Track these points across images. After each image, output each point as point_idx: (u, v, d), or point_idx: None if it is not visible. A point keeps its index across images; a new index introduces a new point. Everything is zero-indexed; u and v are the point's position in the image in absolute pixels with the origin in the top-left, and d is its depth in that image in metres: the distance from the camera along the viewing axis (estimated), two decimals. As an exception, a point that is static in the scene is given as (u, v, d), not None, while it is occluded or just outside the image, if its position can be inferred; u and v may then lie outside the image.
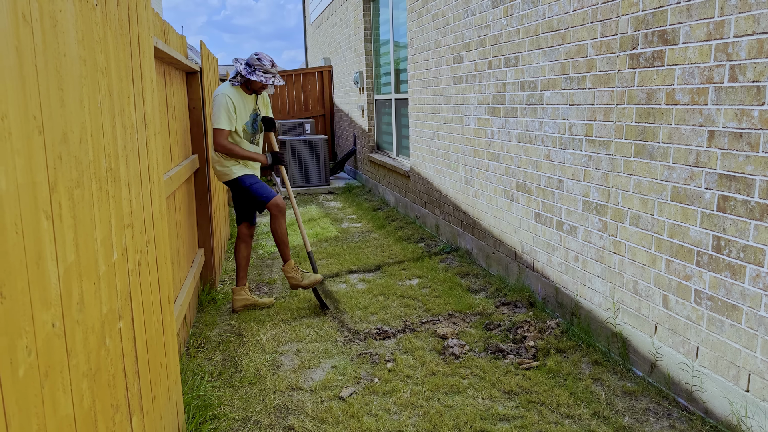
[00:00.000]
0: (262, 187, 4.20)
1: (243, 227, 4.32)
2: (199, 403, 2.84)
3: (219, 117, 3.96)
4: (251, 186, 4.17)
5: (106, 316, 1.47)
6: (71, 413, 1.19)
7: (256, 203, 4.21)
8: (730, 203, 2.50)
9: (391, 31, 7.98)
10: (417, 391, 3.03)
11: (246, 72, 4.03)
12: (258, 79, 4.02)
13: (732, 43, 2.44)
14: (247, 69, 4.04)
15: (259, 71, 4.06)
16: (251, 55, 4.12)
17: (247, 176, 4.18)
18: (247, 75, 4.02)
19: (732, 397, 2.53)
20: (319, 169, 9.84)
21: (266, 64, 4.05)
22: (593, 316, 3.49)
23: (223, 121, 3.97)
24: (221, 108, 3.96)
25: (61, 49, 1.22)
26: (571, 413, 2.78)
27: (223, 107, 3.96)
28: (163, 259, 2.29)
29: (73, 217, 1.25)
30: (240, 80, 4.07)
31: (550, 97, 3.83)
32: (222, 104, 3.96)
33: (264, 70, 4.07)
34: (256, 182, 4.20)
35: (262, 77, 4.04)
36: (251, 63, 4.06)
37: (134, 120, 1.88)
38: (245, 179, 4.16)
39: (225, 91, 4.00)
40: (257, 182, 4.21)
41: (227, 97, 3.98)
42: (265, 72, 4.07)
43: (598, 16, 3.28)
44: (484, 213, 4.97)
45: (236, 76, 4.08)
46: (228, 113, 3.98)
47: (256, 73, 4.04)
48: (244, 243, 4.32)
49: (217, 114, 3.96)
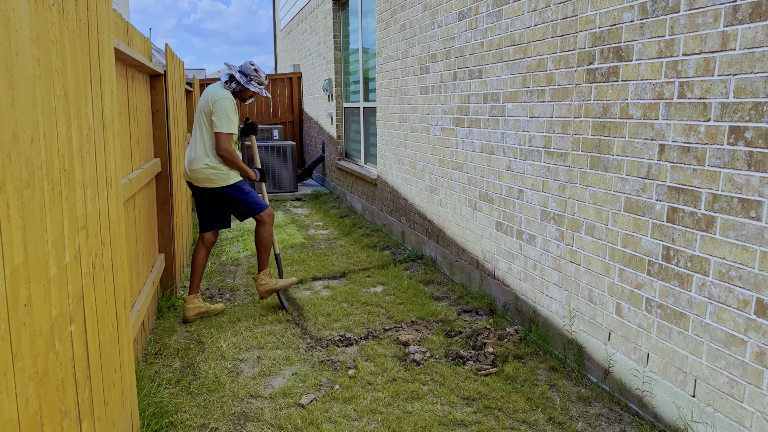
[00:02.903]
0: (256, 195, 4.18)
1: (210, 234, 4.23)
2: (156, 410, 2.80)
3: (228, 121, 3.91)
4: (249, 193, 4.12)
5: (56, 319, 1.45)
6: (15, 417, 1.17)
7: (248, 211, 4.13)
8: (678, 214, 2.60)
9: (361, 40, 8.04)
10: (377, 397, 3.05)
11: (243, 81, 4.03)
12: (255, 90, 4.05)
13: (681, 61, 2.55)
14: (243, 77, 4.04)
15: (255, 81, 4.09)
16: (246, 64, 4.12)
17: (243, 183, 4.13)
18: (244, 84, 4.03)
19: (679, 402, 2.62)
20: (286, 175, 9.80)
21: (262, 76, 4.11)
22: (550, 323, 3.57)
23: (232, 125, 3.93)
24: (229, 112, 3.91)
25: (13, 48, 1.21)
26: (527, 419, 2.84)
27: (231, 111, 3.92)
28: (119, 263, 2.26)
29: (21, 217, 1.24)
30: (235, 87, 4.05)
31: (511, 109, 3.92)
32: (230, 108, 3.92)
33: (259, 81, 4.12)
34: (251, 190, 4.17)
35: (257, 88, 4.08)
36: (247, 72, 4.06)
37: (91, 121, 1.86)
38: (243, 186, 4.10)
39: (227, 95, 3.96)
40: (252, 190, 4.18)
41: (232, 101, 3.96)
42: (260, 83, 4.12)
43: (557, 31, 3.38)
44: (449, 221, 5.03)
45: (230, 81, 4.04)
46: (234, 117, 3.96)
47: (252, 83, 4.07)
48: (206, 249, 4.24)
49: (226, 117, 3.90)
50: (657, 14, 2.66)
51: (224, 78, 4.09)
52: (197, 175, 4.01)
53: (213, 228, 4.23)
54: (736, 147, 2.31)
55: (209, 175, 3.99)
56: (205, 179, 4.01)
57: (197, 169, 3.99)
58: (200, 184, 4.04)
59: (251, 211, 4.13)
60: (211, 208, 4.18)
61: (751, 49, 2.23)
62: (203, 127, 3.99)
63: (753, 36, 2.22)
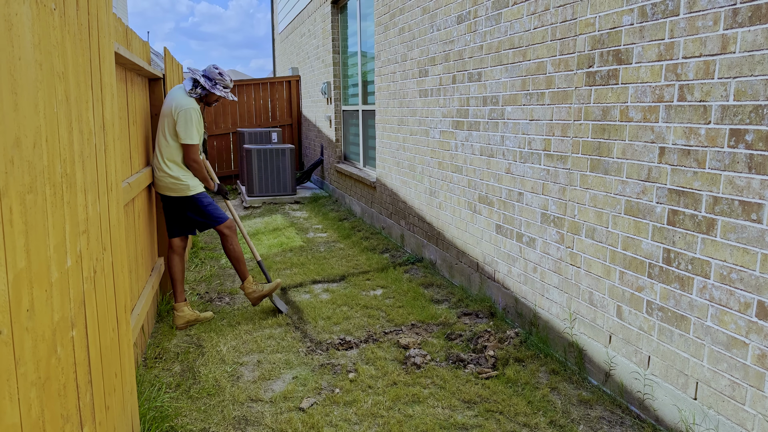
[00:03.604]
0: (216, 207, 4.16)
1: (178, 240, 4.16)
2: (156, 414, 2.79)
3: (192, 132, 3.91)
4: (209, 205, 4.10)
5: (58, 323, 1.45)
6: (18, 422, 1.16)
7: (208, 222, 4.11)
8: (679, 217, 2.60)
9: (359, 43, 8.05)
10: (378, 401, 3.04)
11: (208, 85, 4.00)
12: (220, 94, 4.02)
13: (681, 64, 2.56)
14: (208, 82, 4.01)
15: (220, 86, 4.05)
16: (210, 68, 4.08)
17: (204, 194, 4.12)
18: (209, 89, 4.00)
19: (681, 405, 2.62)
20: (285, 178, 9.79)
21: (227, 79, 4.09)
22: (551, 326, 3.57)
23: (196, 135, 3.93)
24: (193, 123, 3.91)
25: (15, 53, 1.20)
26: (529, 422, 2.83)
27: (195, 122, 3.92)
28: (120, 267, 2.25)
29: (24, 222, 1.23)
30: (200, 93, 4.02)
31: (511, 112, 3.93)
32: (194, 119, 3.92)
33: (224, 85, 4.09)
34: (211, 202, 4.15)
35: (222, 92, 4.04)
36: (212, 77, 4.03)
37: (92, 125, 1.86)
38: (203, 197, 4.09)
39: (192, 105, 3.93)
40: (212, 202, 4.16)
41: (196, 111, 3.94)
42: (225, 87, 4.09)
43: (557, 34, 3.39)
44: (448, 224, 5.03)
45: (194, 88, 4.01)
46: (198, 127, 3.95)
47: (218, 88, 4.04)
48: (179, 256, 4.17)
49: (191, 129, 3.90)
50: (657, 17, 2.67)
51: (188, 85, 4.03)
52: (159, 183, 4.00)
53: (180, 234, 4.16)
54: (736, 150, 2.32)
55: (169, 185, 3.98)
56: (165, 188, 3.99)
57: (158, 177, 3.98)
58: (162, 192, 4.03)
59: (210, 223, 4.11)
60: (175, 215, 4.13)
61: (751, 52, 2.24)
62: (165, 135, 3.94)
63: (753, 39, 2.23)
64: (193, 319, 4.12)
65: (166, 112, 3.93)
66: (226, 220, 4.15)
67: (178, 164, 3.98)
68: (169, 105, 3.94)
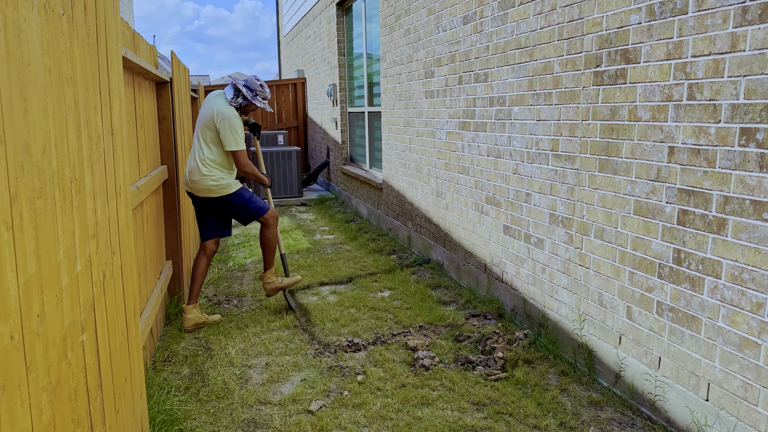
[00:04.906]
0: (258, 199, 4.28)
1: (212, 243, 4.24)
2: (165, 417, 2.79)
3: (238, 138, 4.03)
4: (251, 198, 4.22)
5: (68, 328, 1.45)
6: (29, 427, 1.16)
7: (252, 214, 4.23)
8: (689, 217, 2.58)
9: (365, 45, 8.05)
10: (387, 403, 3.03)
11: (249, 96, 4.12)
12: (259, 105, 4.19)
13: (690, 63, 2.54)
14: (249, 92, 4.13)
15: (260, 97, 4.20)
16: (251, 78, 4.20)
17: (245, 188, 4.24)
18: (251, 99, 4.12)
19: (692, 407, 2.60)
20: (291, 180, 9.81)
21: (266, 91, 4.21)
22: (560, 327, 3.55)
23: (242, 141, 4.05)
24: (239, 129, 4.03)
25: (25, 59, 1.21)
26: (538, 424, 2.82)
27: (240, 128, 4.04)
28: (128, 271, 2.25)
29: (34, 227, 1.23)
30: (240, 102, 4.12)
31: (518, 113, 3.91)
32: (240, 126, 4.05)
33: (263, 96, 4.22)
34: (252, 195, 4.27)
35: (262, 103, 4.19)
36: (253, 87, 4.15)
37: (101, 130, 1.86)
38: (244, 192, 4.20)
39: (233, 113, 4.04)
40: (253, 195, 4.28)
41: (237, 118, 4.05)
42: (264, 98, 4.23)
43: (564, 34, 3.37)
44: (455, 225, 5.02)
45: (236, 97, 4.11)
46: (242, 133, 4.09)
47: (258, 99, 4.18)
48: (207, 259, 4.24)
49: (238, 136, 4.03)
50: (665, 16, 2.65)
51: (229, 93, 4.12)
52: (198, 186, 4.06)
53: (214, 236, 4.25)
54: (747, 149, 2.30)
55: (210, 186, 4.05)
56: (206, 190, 4.06)
57: (198, 180, 4.04)
58: (202, 194, 4.09)
59: (255, 214, 4.23)
60: (212, 216, 4.22)
61: (762, 50, 2.22)
62: (206, 140, 4.03)
63: (763, 37, 2.21)
64: (202, 322, 4.14)
65: (207, 119, 4.02)
66: (268, 209, 4.29)
67: (217, 166, 4.04)
68: (210, 113, 4.01)
